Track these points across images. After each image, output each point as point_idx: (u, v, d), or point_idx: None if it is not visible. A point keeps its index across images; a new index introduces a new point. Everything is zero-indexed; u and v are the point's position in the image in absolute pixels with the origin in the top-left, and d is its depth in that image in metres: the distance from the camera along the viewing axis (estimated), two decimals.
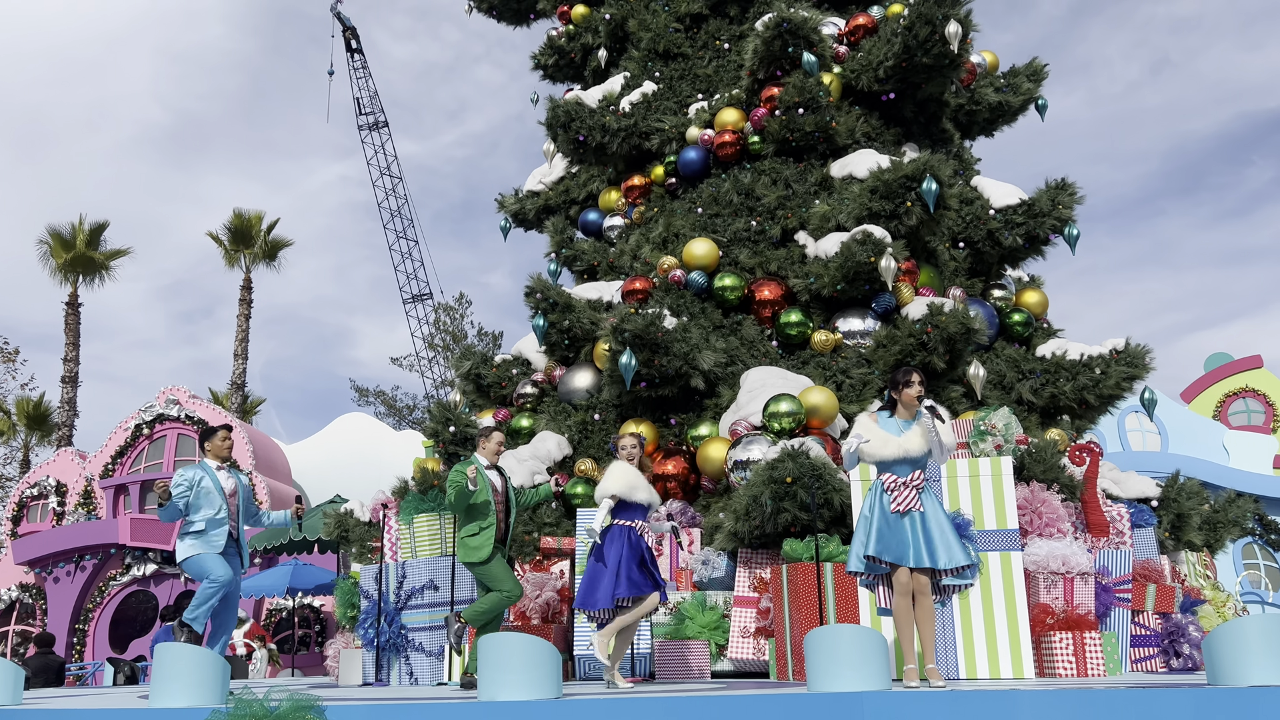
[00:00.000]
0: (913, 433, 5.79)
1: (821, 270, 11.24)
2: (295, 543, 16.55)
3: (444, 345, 38.76)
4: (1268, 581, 19.19)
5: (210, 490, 7.04)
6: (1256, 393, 21.92)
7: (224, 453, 7.30)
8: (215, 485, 7.06)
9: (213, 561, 6.89)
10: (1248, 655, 4.80)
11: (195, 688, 4.86)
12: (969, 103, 14.12)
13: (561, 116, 13.44)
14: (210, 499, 7.02)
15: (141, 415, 22.45)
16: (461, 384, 13.52)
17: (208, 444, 7.34)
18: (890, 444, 5.77)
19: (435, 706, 4.55)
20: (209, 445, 7.32)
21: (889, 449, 5.77)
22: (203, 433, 7.43)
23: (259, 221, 32.45)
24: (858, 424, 5.96)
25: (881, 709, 4.42)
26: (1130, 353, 11.70)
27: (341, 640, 11.09)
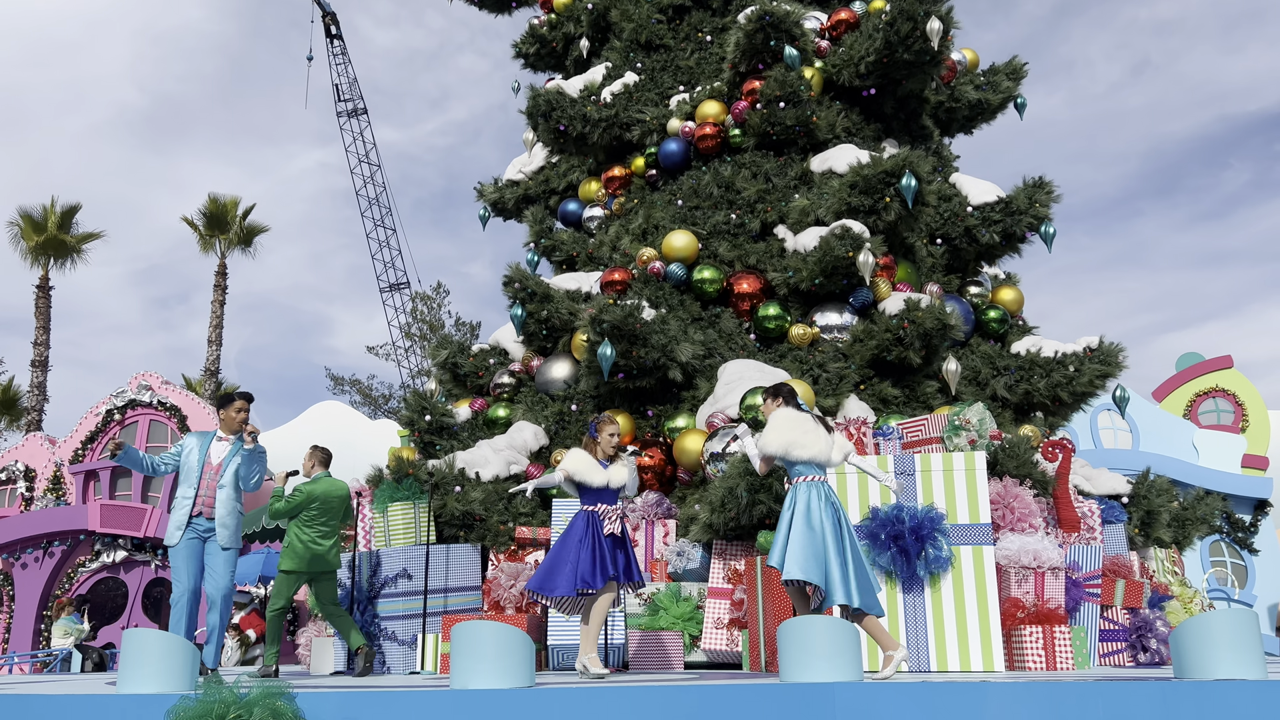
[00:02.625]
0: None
1: (800, 264, 11.27)
2: (268, 530, 16.43)
3: (421, 335, 38.59)
4: (1233, 579, 19.47)
5: (191, 465, 6.85)
6: (1226, 393, 22.20)
7: (235, 425, 7.05)
8: (199, 458, 6.87)
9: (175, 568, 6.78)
10: (1214, 649, 4.86)
11: (164, 674, 4.82)
12: (949, 100, 14.18)
13: (542, 105, 13.39)
14: (189, 474, 6.85)
15: (113, 401, 22.21)
16: (438, 373, 13.46)
17: (221, 412, 7.11)
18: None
19: (407, 695, 4.53)
20: (221, 414, 7.08)
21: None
22: (220, 399, 7.22)
23: (234, 207, 32.16)
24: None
25: (853, 700, 4.45)
26: (1104, 351, 11.82)
27: (313, 629, 11.03)
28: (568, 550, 6.48)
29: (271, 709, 3.94)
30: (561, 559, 6.47)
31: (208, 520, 6.89)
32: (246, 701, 3.91)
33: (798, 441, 5.87)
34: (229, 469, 6.96)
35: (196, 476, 6.84)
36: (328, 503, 8.30)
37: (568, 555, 6.45)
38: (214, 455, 6.93)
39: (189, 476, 6.84)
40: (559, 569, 6.45)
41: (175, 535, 6.83)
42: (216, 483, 6.92)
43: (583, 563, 6.39)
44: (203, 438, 6.99)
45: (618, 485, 6.70)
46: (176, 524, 6.82)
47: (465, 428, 12.09)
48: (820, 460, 5.86)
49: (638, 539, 9.70)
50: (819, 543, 5.61)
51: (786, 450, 5.87)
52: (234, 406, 7.06)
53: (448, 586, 9.29)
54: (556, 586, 6.42)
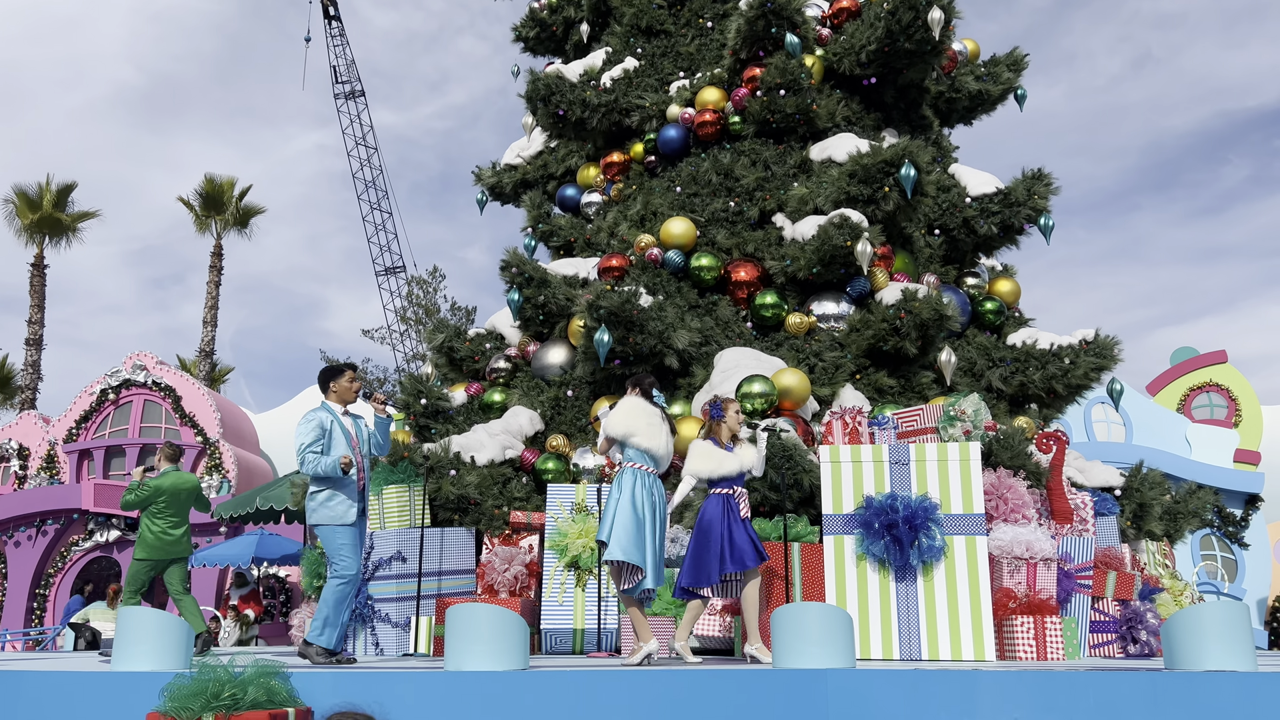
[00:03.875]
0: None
1: (798, 253, 11.26)
2: (261, 512, 16.45)
3: (416, 319, 38.53)
4: (1224, 573, 19.57)
5: (340, 440, 6.42)
6: (1220, 387, 22.27)
7: (350, 396, 6.63)
8: (343, 432, 6.42)
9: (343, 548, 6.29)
10: (1204, 641, 4.89)
11: (158, 652, 4.83)
12: (949, 90, 14.16)
13: (541, 90, 13.34)
14: (340, 449, 6.41)
15: (107, 380, 22.18)
16: (434, 357, 13.45)
17: (333, 384, 6.62)
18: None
19: (400, 676, 4.54)
20: (334, 387, 6.61)
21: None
22: (325, 371, 6.72)
23: (231, 187, 32.04)
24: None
25: (845, 686, 4.47)
26: (1099, 344, 11.83)
27: (307, 610, 11.04)
28: (711, 539, 6.24)
29: (266, 688, 3.95)
30: (705, 548, 6.24)
31: (362, 495, 6.56)
32: (241, 680, 3.92)
33: (638, 429, 6.31)
34: (363, 440, 6.62)
35: (350, 451, 6.42)
36: (176, 495, 8.75)
37: (712, 544, 6.23)
38: (351, 430, 6.54)
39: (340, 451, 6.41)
40: (705, 559, 6.23)
41: (353, 513, 6.38)
42: (361, 454, 6.57)
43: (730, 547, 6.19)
44: (328, 412, 6.51)
45: (748, 468, 6.51)
46: (349, 501, 6.38)
47: (461, 412, 12.09)
48: (654, 453, 6.34)
49: None
50: (642, 529, 6.11)
51: (626, 435, 6.32)
52: (345, 377, 6.64)
53: (442, 570, 9.31)
54: (710, 575, 6.20)
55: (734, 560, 6.19)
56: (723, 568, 6.18)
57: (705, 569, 6.22)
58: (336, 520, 6.36)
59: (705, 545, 6.25)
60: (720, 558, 6.19)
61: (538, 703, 4.45)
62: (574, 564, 8.77)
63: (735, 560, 6.19)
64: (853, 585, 7.20)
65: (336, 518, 6.37)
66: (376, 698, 4.39)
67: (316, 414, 6.49)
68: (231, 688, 3.87)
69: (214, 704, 3.82)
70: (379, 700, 4.35)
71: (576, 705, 4.46)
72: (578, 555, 8.69)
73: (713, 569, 6.19)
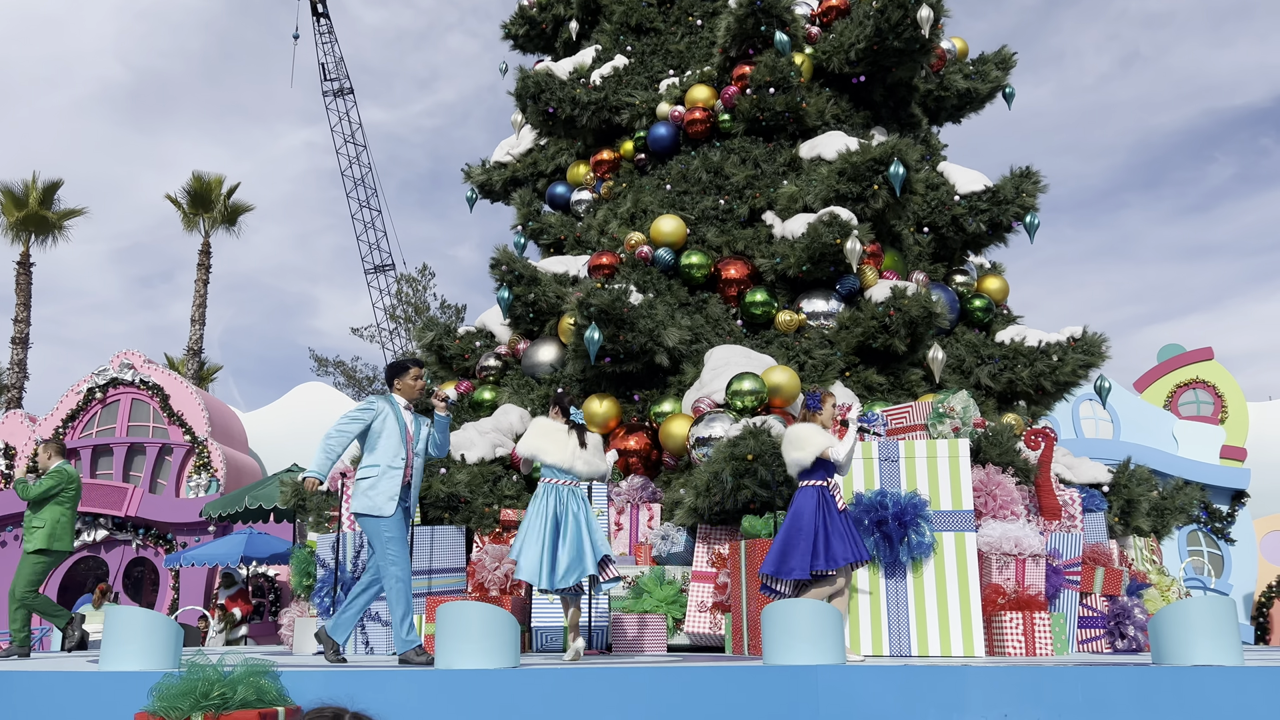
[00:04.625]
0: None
1: (788, 251, 11.28)
2: (250, 511, 16.40)
3: (406, 317, 38.45)
4: (1210, 568, 19.68)
5: (394, 432, 6.27)
6: (1206, 384, 22.38)
7: (415, 394, 6.49)
8: (399, 426, 6.30)
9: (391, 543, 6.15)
10: (1192, 636, 4.92)
11: (147, 651, 4.81)
12: (938, 88, 14.19)
13: (531, 88, 13.32)
14: (390, 440, 6.27)
15: (95, 379, 22.05)
16: (424, 355, 13.42)
17: (397, 382, 6.49)
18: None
19: (391, 674, 4.54)
20: (399, 384, 6.48)
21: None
22: (391, 367, 6.60)
23: (219, 185, 31.88)
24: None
25: (835, 682, 4.48)
26: (1087, 341, 11.89)
27: (296, 609, 11.02)
28: (803, 530, 6.08)
29: (255, 687, 3.93)
30: (795, 539, 6.08)
31: (409, 490, 6.40)
32: (230, 680, 3.90)
33: (543, 448, 6.76)
34: (420, 438, 6.48)
35: (402, 445, 6.31)
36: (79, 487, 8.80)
37: (803, 535, 6.06)
38: (409, 424, 6.42)
39: (393, 445, 6.30)
40: (794, 549, 6.06)
41: (391, 505, 6.22)
42: (414, 452, 6.41)
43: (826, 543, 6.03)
44: (391, 404, 6.41)
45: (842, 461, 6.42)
46: (389, 494, 6.22)
47: (450, 410, 12.07)
48: (561, 466, 6.68)
49: (622, 522, 9.73)
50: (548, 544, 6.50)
51: (534, 454, 6.80)
52: (411, 374, 6.50)
53: (432, 568, 9.29)
54: (792, 569, 6.04)
55: (828, 559, 6.02)
56: (814, 563, 6.00)
57: (791, 561, 6.04)
58: (374, 510, 6.22)
59: (796, 537, 6.07)
60: (814, 553, 6.01)
61: (529, 701, 4.45)
62: None
63: (830, 559, 6.02)
64: None
65: (374, 507, 6.23)
66: (368, 696, 4.38)
67: (377, 399, 6.42)
68: (221, 687, 3.85)
69: (203, 703, 3.79)
70: (371, 699, 4.34)
71: (567, 703, 4.46)
72: None
73: (804, 563, 6.00)
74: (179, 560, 17.20)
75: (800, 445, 6.32)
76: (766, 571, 6.15)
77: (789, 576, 6.05)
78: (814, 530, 6.05)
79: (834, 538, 6.04)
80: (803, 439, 6.32)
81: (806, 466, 6.27)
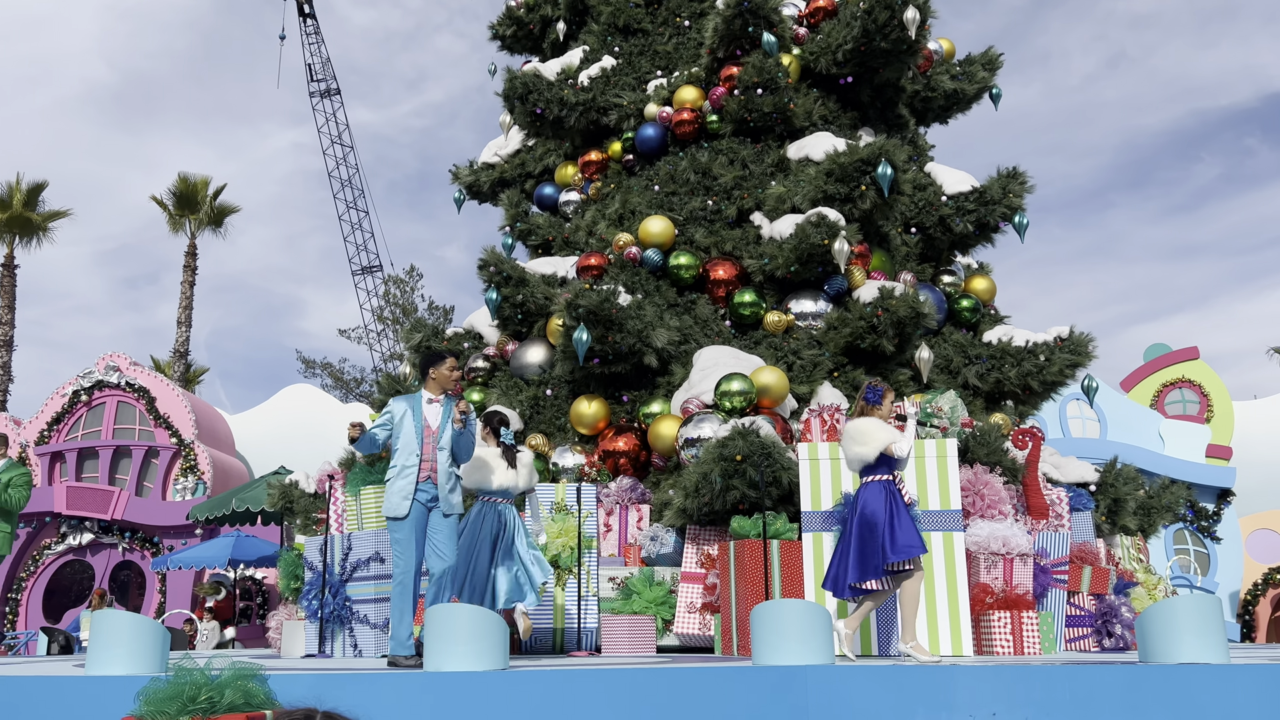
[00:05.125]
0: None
1: (776, 251, 11.29)
2: (238, 514, 16.33)
3: (393, 318, 38.35)
4: (1196, 566, 19.79)
5: (409, 430, 6.25)
6: (1192, 383, 22.50)
7: (449, 384, 6.41)
8: (415, 424, 6.26)
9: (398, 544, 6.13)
10: (1178, 634, 4.95)
11: (134, 655, 4.78)
12: (925, 89, 14.23)
13: (519, 88, 13.30)
14: (408, 440, 6.24)
15: (80, 381, 21.91)
16: (411, 356, 13.39)
17: (432, 371, 6.41)
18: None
19: (379, 677, 4.52)
20: (434, 374, 6.40)
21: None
22: (426, 357, 6.53)
23: (205, 186, 31.75)
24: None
25: (824, 683, 4.49)
26: (1074, 341, 11.94)
27: (284, 612, 10.98)
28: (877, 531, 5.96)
29: (244, 691, 3.91)
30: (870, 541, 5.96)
31: (433, 486, 6.29)
32: (218, 683, 3.87)
33: (484, 480, 7.15)
34: (446, 431, 6.37)
35: (418, 442, 6.25)
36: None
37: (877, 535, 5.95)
38: (430, 418, 6.32)
39: (408, 443, 6.25)
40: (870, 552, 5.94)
41: (404, 505, 6.18)
42: (435, 447, 6.31)
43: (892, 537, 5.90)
44: (411, 401, 6.36)
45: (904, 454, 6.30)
46: (402, 494, 6.19)
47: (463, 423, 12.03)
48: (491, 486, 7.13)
49: (611, 524, 9.72)
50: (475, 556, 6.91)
51: (478, 488, 7.19)
52: (446, 365, 6.42)
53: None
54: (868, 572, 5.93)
55: (895, 550, 5.90)
56: (885, 558, 5.91)
57: (871, 562, 5.94)
58: (390, 512, 6.23)
59: (871, 538, 5.96)
60: (882, 549, 5.92)
61: (517, 703, 4.44)
62: (554, 563, 8.76)
63: (898, 549, 5.90)
64: None
65: (388, 508, 6.24)
66: (356, 699, 4.36)
67: (395, 403, 6.39)
68: (208, 690, 3.81)
69: (190, 707, 3.76)
70: (359, 702, 4.33)
71: (556, 705, 4.45)
72: (557, 554, 8.67)
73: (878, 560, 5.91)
74: (166, 563, 17.12)
75: (863, 440, 6.19)
76: (853, 580, 6.02)
77: (876, 578, 5.95)
78: (883, 526, 5.96)
79: (899, 531, 5.94)
80: (865, 434, 6.20)
81: (870, 462, 6.15)
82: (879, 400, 6.37)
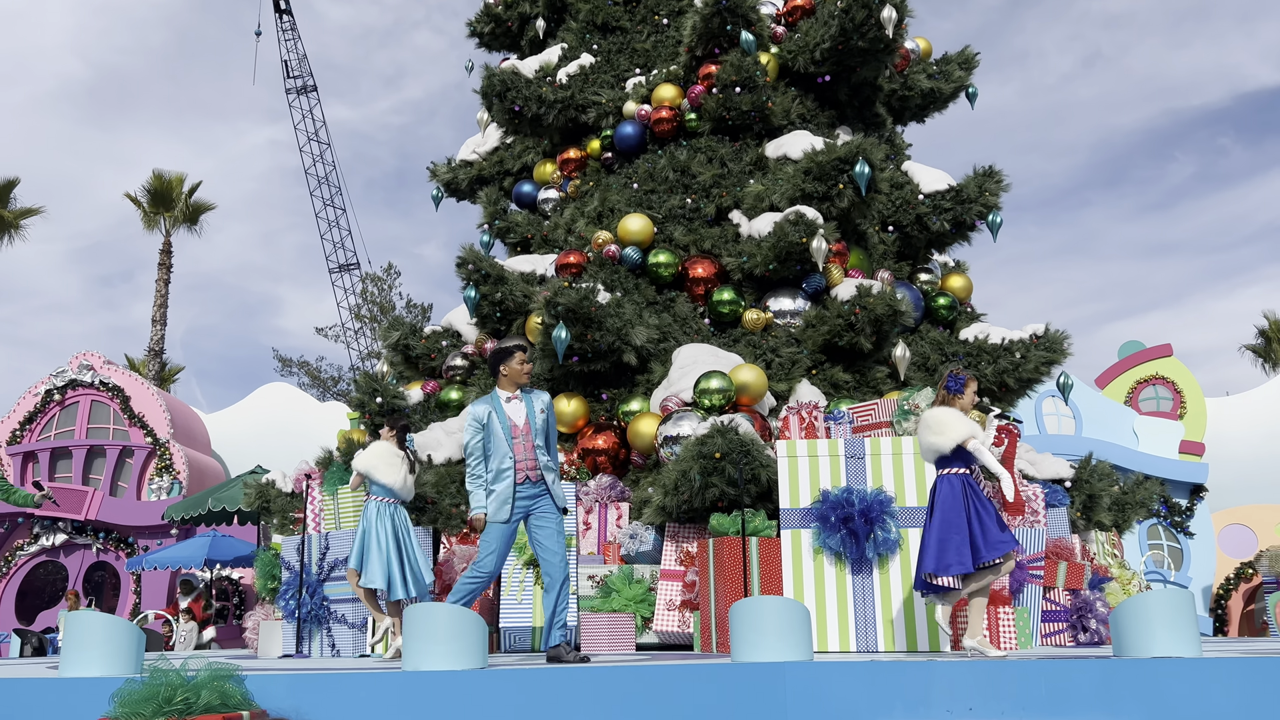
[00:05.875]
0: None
1: (754, 250, 11.32)
2: (214, 514, 16.20)
3: (371, 316, 38.17)
4: (1170, 561, 20.01)
5: (498, 434, 6.05)
6: (1166, 380, 22.74)
7: (522, 379, 6.20)
8: (503, 424, 6.06)
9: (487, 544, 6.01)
10: (1151, 629, 5.00)
11: (108, 657, 4.74)
12: (902, 88, 14.30)
13: (497, 86, 13.27)
14: (497, 443, 6.05)
15: (53, 380, 21.68)
16: (389, 355, 13.33)
17: (503, 368, 6.19)
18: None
19: (357, 677, 4.50)
20: (505, 370, 6.18)
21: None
22: (495, 354, 6.30)
23: (180, 184, 31.45)
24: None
25: (803, 679, 4.51)
26: (1049, 338, 12.04)
27: (261, 612, 10.91)
28: (954, 523, 5.81)
29: (220, 691, 3.89)
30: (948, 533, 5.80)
31: (533, 485, 6.13)
32: (194, 684, 3.86)
33: (377, 468, 7.71)
34: (535, 425, 6.16)
35: (508, 444, 6.06)
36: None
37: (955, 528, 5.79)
38: (514, 417, 6.11)
39: (499, 447, 6.06)
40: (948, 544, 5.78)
41: (504, 511, 6.03)
42: (529, 445, 6.10)
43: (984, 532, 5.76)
44: (491, 401, 6.17)
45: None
46: (502, 499, 6.04)
47: (417, 410, 11.99)
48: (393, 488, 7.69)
49: (590, 521, 9.72)
50: (387, 553, 7.52)
51: (368, 471, 7.74)
52: (516, 359, 6.20)
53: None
54: (950, 565, 5.77)
55: (989, 548, 5.78)
56: (978, 557, 5.76)
57: (950, 556, 5.78)
58: (491, 517, 6.11)
59: (948, 530, 5.80)
60: (972, 545, 5.76)
61: (496, 702, 4.44)
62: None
63: (992, 547, 5.78)
64: (810, 578, 7.26)
65: (492, 514, 6.11)
66: (333, 699, 4.34)
67: (476, 408, 6.18)
68: (184, 692, 3.80)
69: (166, 709, 3.75)
70: (335, 702, 4.31)
71: (535, 703, 4.45)
72: None
73: (964, 556, 5.74)
74: (141, 564, 16.97)
75: (939, 430, 6.01)
76: (928, 570, 5.87)
77: (947, 573, 5.79)
78: (967, 521, 5.80)
79: (990, 525, 5.80)
80: (943, 424, 6.01)
81: (945, 453, 5.98)
82: (960, 389, 6.13)
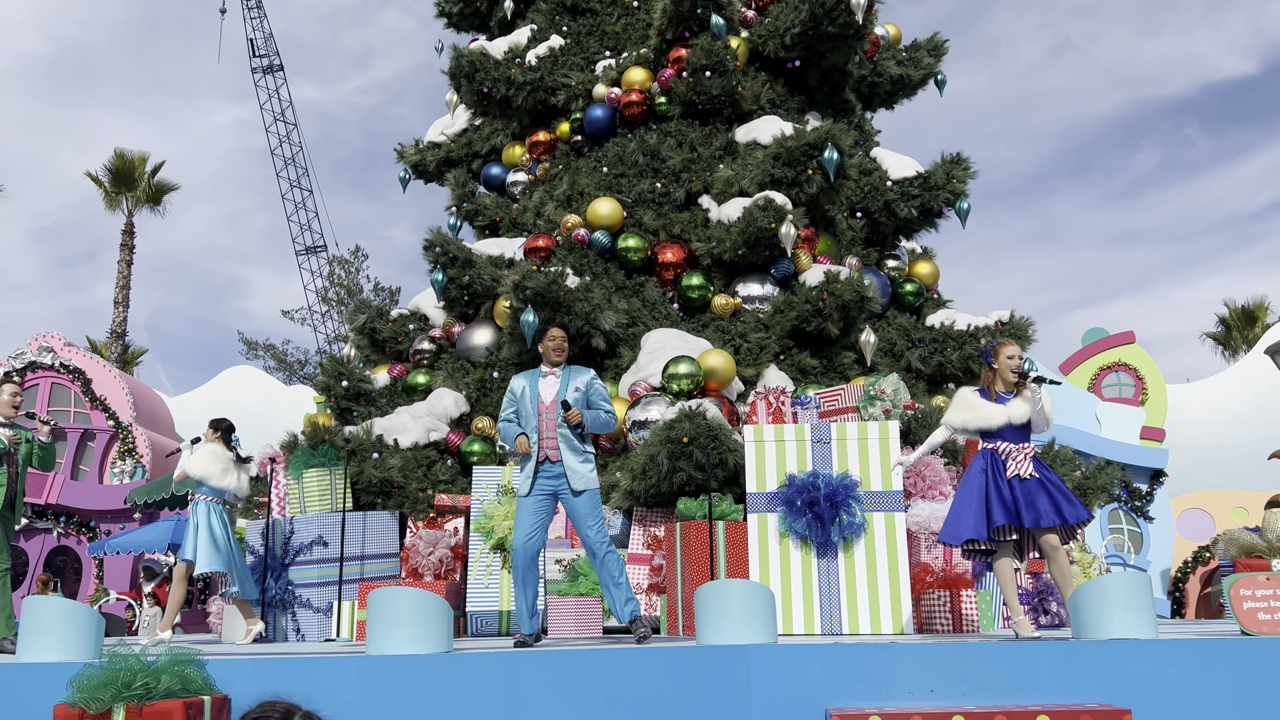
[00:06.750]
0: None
1: (723, 235, 11.33)
2: (177, 498, 16.03)
3: (338, 299, 37.85)
4: (1130, 545, 20.35)
5: (527, 409, 6.11)
6: (1128, 367, 23.04)
7: (552, 355, 6.24)
8: (532, 398, 6.12)
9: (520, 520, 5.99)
10: (1109, 611, 5.08)
11: (66, 642, 4.68)
12: (871, 74, 14.34)
13: (465, 67, 13.15)
14: (526, 417, 6.12)
15: (12, 362, 21.31)
16: (356, 338, 13.22)
17: (540, 348, 6.35)
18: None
19: (320, 661, 4.48)
20: (541, 347, 6.34)
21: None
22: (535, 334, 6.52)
23: (142, 163, 30.95)
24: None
25: (767, 661, 4.54)
26: (1014, 325, 12.16)
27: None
28: (970, 494, 5.89)
29: (180, 676, 3.86)
30: (965, 502, 5.90)
31: (553, 464, 6.08)
32: (154, 669, 3.82)
33: (212, 473, 8.09)
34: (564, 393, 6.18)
35: (534, 419, 6.09)
36: None
37: (971, 499, 5.88)
38: (545, 392, 6.15)
39: (528, 421, 6.11)
40: (964, 512, 5.87)
41: (525, 485, 6.07)
42: (556, 422, 6.10)
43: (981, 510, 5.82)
44: (530, 377, 6.23)
45: (1021, 421, 5.96)
46: (526, 473, 6.08)
47: (384, 394, 11.91)
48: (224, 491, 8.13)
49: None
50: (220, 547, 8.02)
51: (203, 477, 8.09)
52: (549, 336, 6.27)
53: (364, 553, 9.19)
54: (962, 534, 5.84)
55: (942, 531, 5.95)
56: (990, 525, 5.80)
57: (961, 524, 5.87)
58: (519, 491, 6.18)
59: (965, 499, 5.90)
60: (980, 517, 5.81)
61: (461, 685, 4.44)
62: (500, 546, 8.74)
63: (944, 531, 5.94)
64: (775, 562, 7.31)
65: (518, 488, 6.20)
66: (297, 684, 4.31)
67: (515, 380, 6.29)
68: (144, 677, 3.76)
69: (125, 694, 3.71)
70: (301, 686, 4.28)
71: (500, 687, 4.45)
72: (504, 538, 8.65)
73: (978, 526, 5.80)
74: (103, 548, 16.76)
75: (953, 406, 6.17)
76: (942, 539, 5.99)
77: (956, 542, 5.88)
78: (983, 494, 5.86)
79: (995, 505, 5.83)
80: (958, 400, 6.15)
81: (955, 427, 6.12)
82: (991, 360, 6.13)
